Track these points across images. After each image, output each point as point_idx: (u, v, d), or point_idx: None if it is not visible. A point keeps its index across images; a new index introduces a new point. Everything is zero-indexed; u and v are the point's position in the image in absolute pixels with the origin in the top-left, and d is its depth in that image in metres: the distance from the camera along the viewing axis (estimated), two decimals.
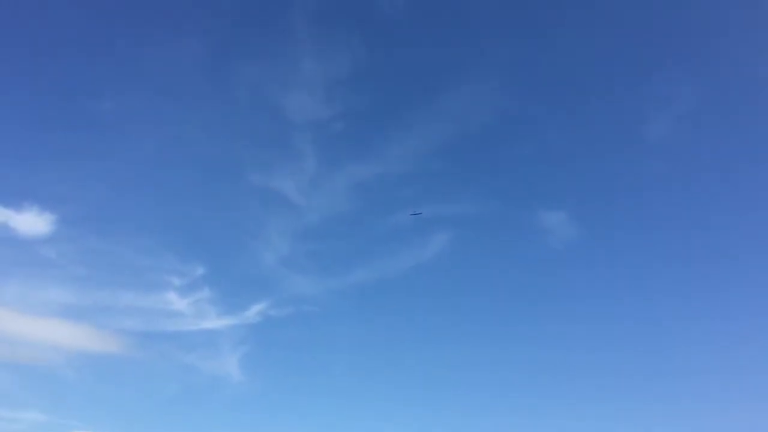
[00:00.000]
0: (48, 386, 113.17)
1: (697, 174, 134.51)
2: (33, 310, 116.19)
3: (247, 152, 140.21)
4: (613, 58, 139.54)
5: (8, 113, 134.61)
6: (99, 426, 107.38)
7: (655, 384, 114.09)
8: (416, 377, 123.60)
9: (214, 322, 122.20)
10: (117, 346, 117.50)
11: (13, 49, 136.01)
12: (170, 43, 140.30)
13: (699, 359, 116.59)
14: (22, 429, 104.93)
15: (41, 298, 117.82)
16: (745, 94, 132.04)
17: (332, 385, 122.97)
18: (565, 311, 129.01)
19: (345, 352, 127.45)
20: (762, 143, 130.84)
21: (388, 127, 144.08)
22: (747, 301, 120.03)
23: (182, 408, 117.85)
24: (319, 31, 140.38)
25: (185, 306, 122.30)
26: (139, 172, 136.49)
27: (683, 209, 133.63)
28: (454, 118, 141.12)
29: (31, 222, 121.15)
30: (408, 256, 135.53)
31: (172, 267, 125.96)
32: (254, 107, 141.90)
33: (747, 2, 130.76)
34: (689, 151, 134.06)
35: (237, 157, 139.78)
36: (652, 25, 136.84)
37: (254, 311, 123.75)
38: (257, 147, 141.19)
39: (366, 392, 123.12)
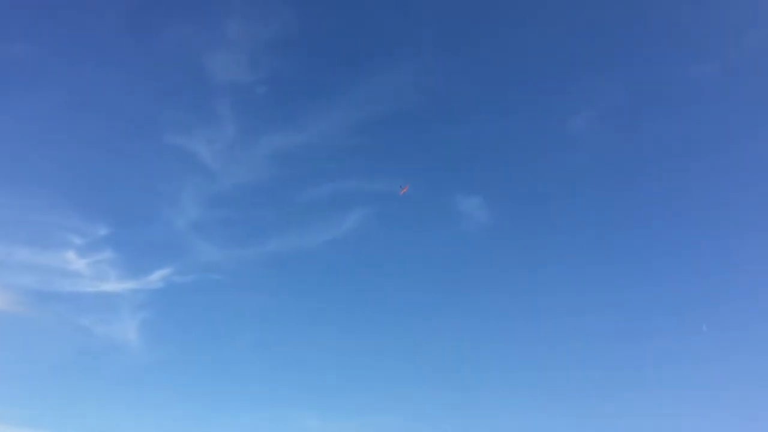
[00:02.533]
0: None
1: (616, 170, 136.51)
2: None
3: (164, 112, 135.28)
4: (540, 51, 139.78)
5: None
6: None
7: (557, 375, 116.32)
8: (323, 353, 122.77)
9: (114, 285, 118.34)
10: (8, 303, 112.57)
11: None
12: None
13: (600, 352, 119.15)
14: None
15: None
16: (667, 93, 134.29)
17: (235, 358, 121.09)
18: (472, 296, 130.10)
19: (251, 324, 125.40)
20: (682, 141, 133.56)
21: (313, 98, 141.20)
22: (659, 298, 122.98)
23: (75, 372, 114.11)
24: None
25: (84, 266, 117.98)
26: (46, 123, 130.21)
27: (600, 203, 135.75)
28: (380, 95, 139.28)
29: None
30: (323, 230, 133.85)
31: (72, 225, 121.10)
32: (174, 66, 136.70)
33: (670, 3, 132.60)
34: (609, 147, 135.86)
35: (152, 116, 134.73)
36: (578, 22, 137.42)
37: (157, 276, 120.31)
38: (174, 107, 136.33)
39: (270, 367, 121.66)
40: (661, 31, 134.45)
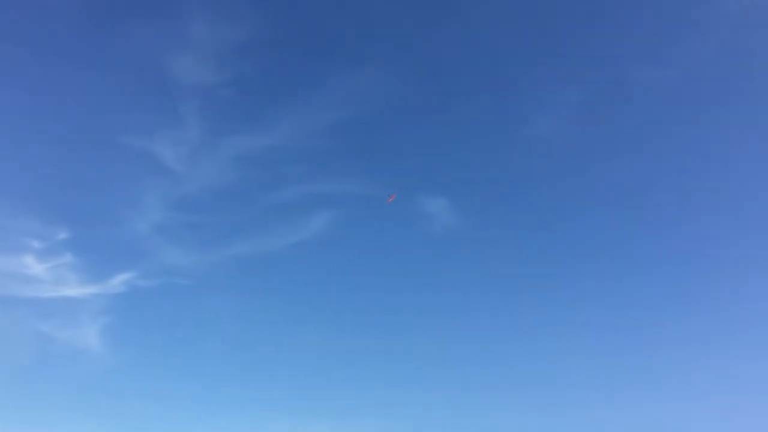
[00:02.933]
0: None
1: (576, 171, 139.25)
2: None
3: (126, 114, 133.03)
4: (502, 53, 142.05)
5: None
6: None
7: (528, 372, 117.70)
8: (291, 356, 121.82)
9: (75, 289, 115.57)
10: None
11: None
12: None
13: (571, 347, 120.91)
14: None
15: None
16: (626, 94, 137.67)
17: (201, 363, 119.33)
18: (440, 296, 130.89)
19: (218, 329, 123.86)
20: (641, 142, 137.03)
21: (278, 100, 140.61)
22: (629, 292, 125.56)
23: (35, 379, 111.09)
24: None
25: (43, 271, 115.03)
26: (2, 126, 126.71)
27: (561, 204, 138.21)
28: (346, 98, 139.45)
29: None
30: (290, 232, 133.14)
31: (31, 229, 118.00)
32: (136, 67, 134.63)
33: (632, 4, 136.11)
34: (570, 149, 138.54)
35: (114, 118, 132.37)
36: (538, 24, 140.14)
37: (120, 280, 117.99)
38: (137, 109, 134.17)
39: (237, 370, 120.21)
40: (619, 33, 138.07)
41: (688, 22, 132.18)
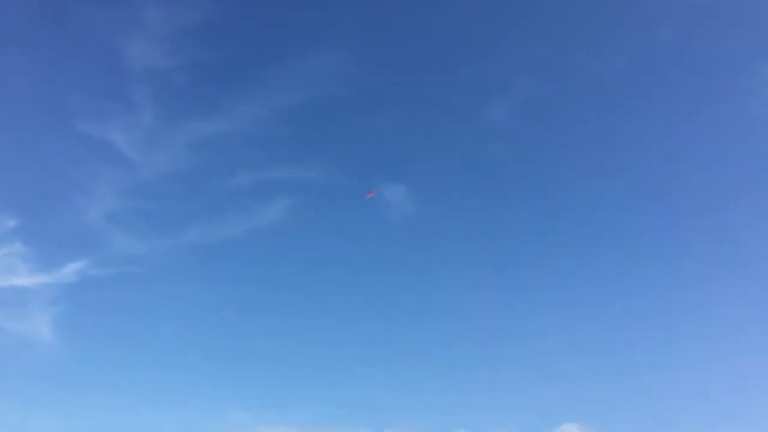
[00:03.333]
0: None
1: (533, 158, 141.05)
2: None
3: (77, 99, 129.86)
4: (459, 42, 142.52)
5: None
6: None
7: (484, 354, 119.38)
8: (247, 345, 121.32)
9: (25, 279, 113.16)
10: None
11: None
12: None
13: (527, 335, 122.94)
14: None
15: None
16: (578, 85, 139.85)
17: (157, 353, 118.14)
18: (398, 284, 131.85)
19: (173, 318, 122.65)
20: (594, 132, 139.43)
21: (234, 85, 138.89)
22: (574, 271, 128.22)
23: None
24: None
25: None
26: None
27: (518, 191, 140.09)
28: (303, 84, 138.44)
29: None
30: (246, 220, 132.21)
31: None
32: (88, 51, 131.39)
33: None
34: (526, 136, 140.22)
35: (65, 103, 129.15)
36: (493, 14, 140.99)
37: (71, 269, 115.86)
38: (89, 94, 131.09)
39: (192, 360, 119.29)
40: (572, 25, 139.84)
41: (641, 13, 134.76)
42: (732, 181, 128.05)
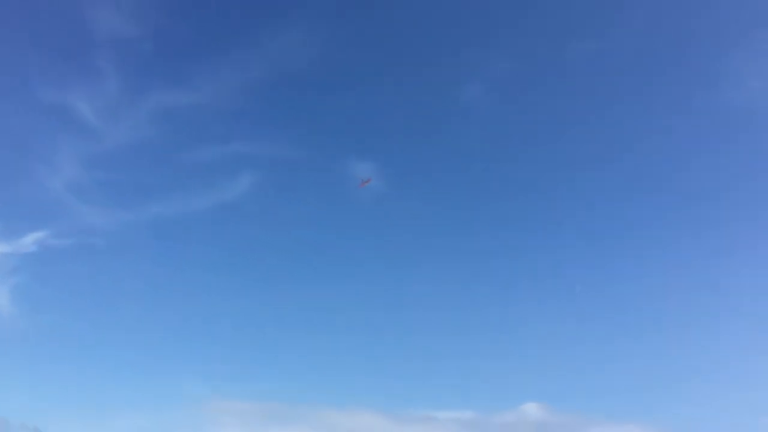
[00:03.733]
0: None
1: (504, 138, 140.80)
2: None
3: (39, 65, 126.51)
4: (431, 23, 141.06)
5: None
6: None
7: (452, 337, 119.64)
8: (209, 319, 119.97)
9: None
10: None
11: None
12: None
13: (499, 320, 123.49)
14: None
15: None
16: (550, 66, 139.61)
17: (118, 325, 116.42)
18: (365, 263, 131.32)
19: (136, 290, 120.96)
20: (566, 112, 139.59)
21: (202, 56, 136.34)
22: (546, 258, 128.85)
23: None
24: None
25: None
26: None
27: (491, 174, 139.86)
28: (272, 58, 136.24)
29: None
30: (212, 194, 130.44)
31: None
32: (51, 16, 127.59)
33: None
34: (497, 117, 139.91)
35: (26, 69, 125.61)
36: None
37: (31, 239, 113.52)
38: (51, 61, 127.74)
39: (155, 334, 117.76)
40: (544, 7, 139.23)
41: None
42: (709, 169, 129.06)
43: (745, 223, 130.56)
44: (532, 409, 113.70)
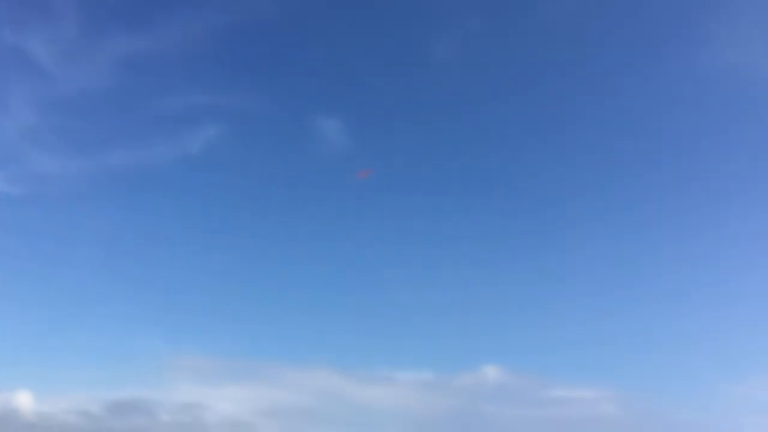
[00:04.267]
0: None
1: (475, 94, 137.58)
2: None
3: None
4: None
5: None
6: None
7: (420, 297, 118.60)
8: (168, 274, 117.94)
9: None
10: None
11: None
12: None
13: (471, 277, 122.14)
14: None
15: None
16: (526, 25, 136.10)
17: (67, 278, 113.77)
18: (329, 220, 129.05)
19: (87, 242, 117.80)
20: (542, 76, 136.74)
21: (167, 2, 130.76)
22: (515, 219, 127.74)
23: None
24: None
25: None
26: None
27: (458, 131, 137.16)
28: (237, 4, 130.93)
29: None
30: (173, 145, 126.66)
31: None
32: None
33: None
34: (469, 73, 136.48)
35: None
36: None
37: None
38: (7, 1, 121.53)
39: (112, 288, 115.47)
40: None
41: None
42: (679, 133, 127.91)
43: (712, 187, 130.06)
44: (491, 371, 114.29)
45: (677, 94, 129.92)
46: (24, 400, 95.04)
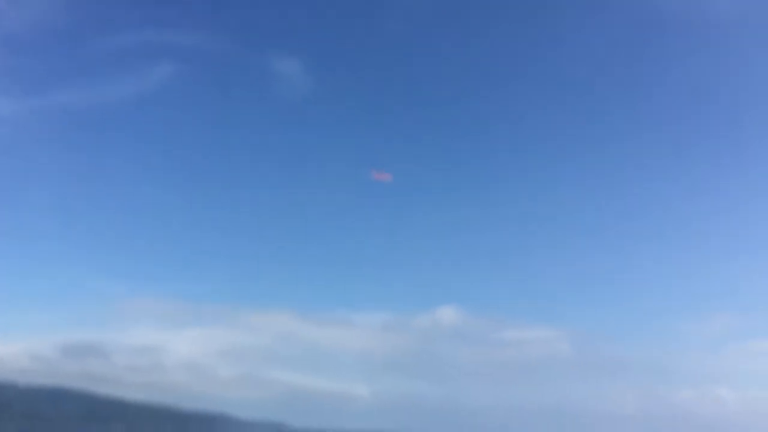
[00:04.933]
0: None
1: (439, 32, 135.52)
2: None
3: None
4: None
5: None
6: None
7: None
8: (121, 215, 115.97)
9: None
10: None
11: None
12: None
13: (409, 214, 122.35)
14: None
15: None
16: None
17: (17, 220, 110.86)
18: (286, 167, 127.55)
19: (38, 184, 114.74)
20: (507, 10, 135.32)
21: None
22: (456, 154, 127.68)
23: None
24: None
25: None
26: None
27: (423, 73, 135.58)
28: None
29: None
30: (126, 84, 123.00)
31: None
32: None
33: None
34: (432, 10, 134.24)
35: None
36: None
37: None
38: None
39: (63, 228, 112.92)
40: None
41: None
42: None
43: (665, 138, 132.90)
44: (448, 313, 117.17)
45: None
46: None
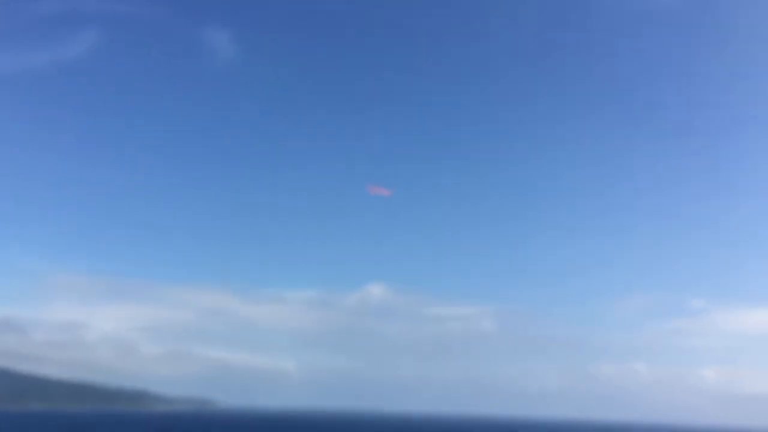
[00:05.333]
0: None
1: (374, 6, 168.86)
2: None
3: None
4: None
5: None
6: None
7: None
8: (43, 189, 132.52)
9: None
10: None
11: None
12: None
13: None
14: None
15: None
16: None
17: None
18: (216, 140, 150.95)
19: None
20: None
21: None
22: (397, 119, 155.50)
23: None
24: None
25: None
26: None
27: (356, 42, 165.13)
28: None
29: None
30: (51, 49, 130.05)
31: None
32: None
33: None
34: None
35: None
36: None
37: None
38: None
39: None
40: None
41: None
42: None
43: (603, 120, 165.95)
44: (375, 290, 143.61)
45: None
46: None
